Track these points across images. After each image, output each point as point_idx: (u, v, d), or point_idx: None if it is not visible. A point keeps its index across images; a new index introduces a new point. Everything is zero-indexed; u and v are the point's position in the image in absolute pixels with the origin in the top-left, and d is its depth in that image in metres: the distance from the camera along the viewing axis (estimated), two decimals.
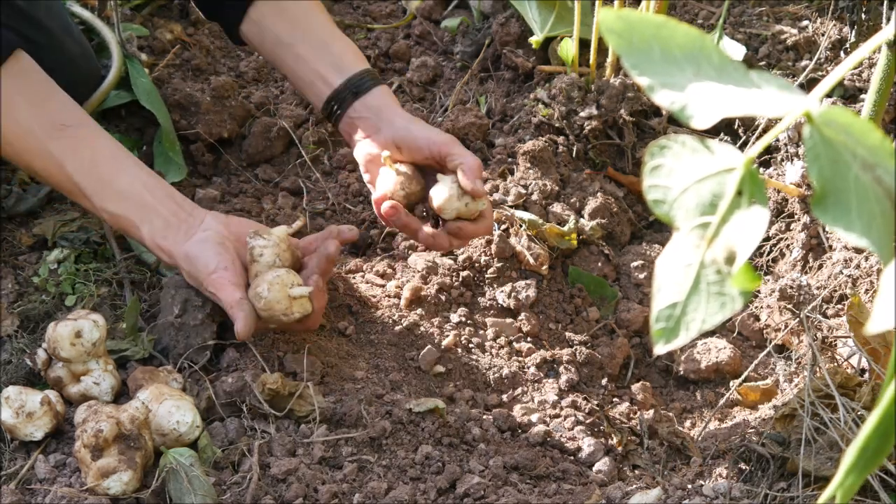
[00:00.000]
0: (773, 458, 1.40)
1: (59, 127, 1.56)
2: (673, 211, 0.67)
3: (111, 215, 1.58)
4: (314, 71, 1.73)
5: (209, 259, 1.53)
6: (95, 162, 1.58)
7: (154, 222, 1.57)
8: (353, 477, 1.40)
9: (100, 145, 1.60)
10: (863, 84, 2.02)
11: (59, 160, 1.56)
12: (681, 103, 0.67)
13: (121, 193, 1.58)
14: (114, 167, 1.59)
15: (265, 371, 1.51)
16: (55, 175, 1.58)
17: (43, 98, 1.58)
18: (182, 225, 1.58)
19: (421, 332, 1.70)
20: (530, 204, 1.88)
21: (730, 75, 0.69)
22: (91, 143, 1.59)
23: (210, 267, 1.53)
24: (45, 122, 1.56)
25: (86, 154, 1.58)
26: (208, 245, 1.55)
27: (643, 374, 1.82)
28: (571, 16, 2.07)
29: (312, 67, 1.73)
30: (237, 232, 1.60)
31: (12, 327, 1.58)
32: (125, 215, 1.58)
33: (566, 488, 1.44)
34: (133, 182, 1.59)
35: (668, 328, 0.66)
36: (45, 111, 1.57)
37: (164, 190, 1.61)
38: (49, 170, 1.57)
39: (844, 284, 1.75)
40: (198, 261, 1.54)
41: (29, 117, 1.55)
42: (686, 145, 0.68)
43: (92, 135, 1.60)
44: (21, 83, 1.56)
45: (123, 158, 1.61)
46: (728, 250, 0.66)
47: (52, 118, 1.57)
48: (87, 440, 1.31)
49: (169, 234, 1.57)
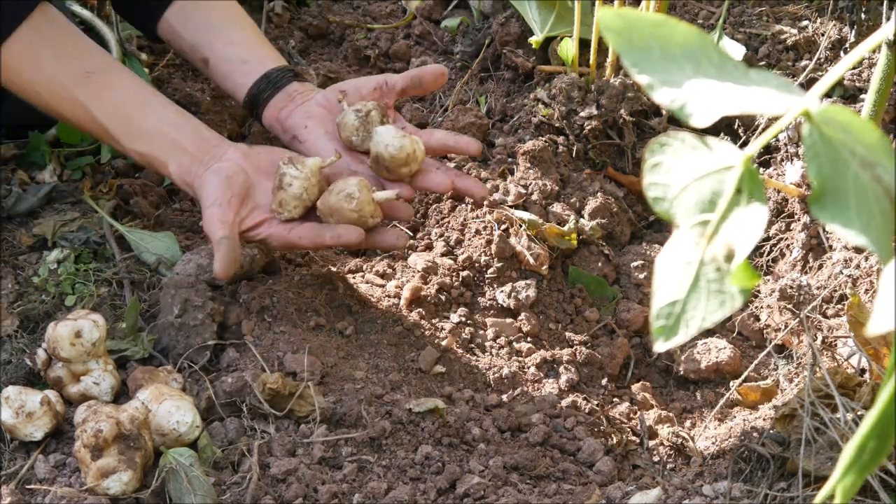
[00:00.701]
0: (773, 458, 1.40)
1: (84, 74, 1.61)
2: (672, 208, 0.67)
3: (140, 155, 1.63)
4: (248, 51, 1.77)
5: (209, 192, 1.56)
6: (122, 104, 1.62)
7: (181, 159, 1.61)
8: (352, 477, 1.39)
9: (126, 88, 1.64)
10: (863, 84, 2.02)
11: (86, 106, 1.61)
12: (680, 101, 0.67)
13: (148, 133, 1.62)
14: (140, 108, 1.63)
15: (265, 371, 1.51)
16: (84, 120, 1.63)
17: (68, 47, 1.62)
18: (205, 157, 1.61)
19: (421, 332, 1.70)
20: (530, 204, 1.88)
21: (729, 73, 0.69)
22: (117, 87, 1.63)
23: (209, 200, 1.56)
24: (71, 70, 1.61)
25: (112, 98, 1.62)
26: (215, 178, 1.58)
27: (643, 374, 1.82)
28: (571, 16, 2.07)
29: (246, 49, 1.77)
30: (258, 163, 1.63)
31: (12, 327, 1.58)
32: (153, 154, 1.62)
33: (566, 488, 1.44)
34: (160, 121, 1.63)
35: (667, 326, 0.66)
36: (71, 59, 1.62)
37: (190, 126, 1.65)
38: (78, 116, 1.62)
39: (844, 284, 1.75)
40: (202, 192, 1.58)
41: (55, 67, 1.60)
42: (686, 143, 0.68)
43: (118, 78, 1.64)
44: (46, 35, 1.60)
45: (150, 98, 1.65)
46: (727, 248, 0.66)
47: (78, 66, 1.61)
48: (87, 440, 1.31)
49: (193, 168, 1.60)
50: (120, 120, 1.62)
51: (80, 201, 1.84)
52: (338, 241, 1.58)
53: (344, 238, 1.57)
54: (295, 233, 1.60)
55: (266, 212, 1.61)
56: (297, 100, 1.73)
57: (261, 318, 1.62)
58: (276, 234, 1.60)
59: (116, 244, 1.75)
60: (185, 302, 1.57)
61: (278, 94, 1.74)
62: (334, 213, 1.58)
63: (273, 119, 1.74)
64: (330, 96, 1.72)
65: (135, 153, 1.64)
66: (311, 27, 2.42)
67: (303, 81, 1.77)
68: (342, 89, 1.72)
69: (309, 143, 1.70)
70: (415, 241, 1.89)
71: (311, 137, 1.70)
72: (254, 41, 1.80)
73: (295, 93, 1.74)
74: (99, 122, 1.61)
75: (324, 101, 1.72)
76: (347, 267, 1.83)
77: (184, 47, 1.83)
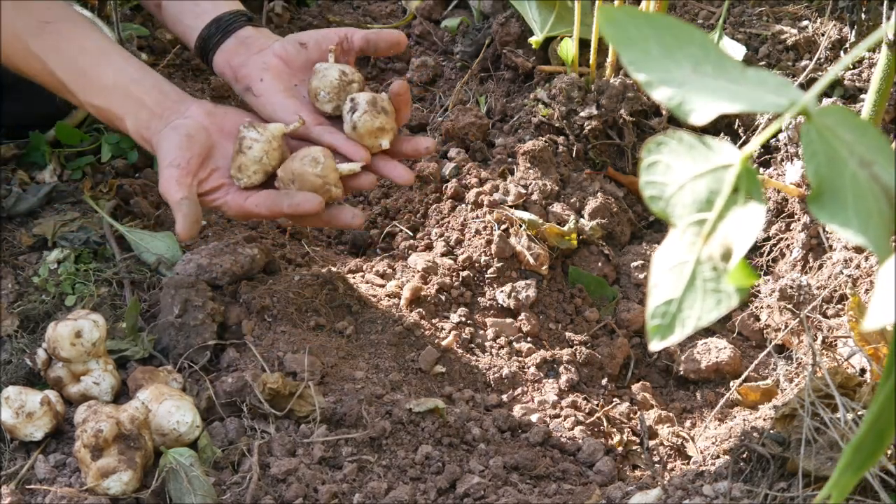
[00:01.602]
0: (773, 458, 1.40)
1: (40, 24, 1.55)
2: (669, 207, 0.67)
3: (96, 109, 1.57)
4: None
5: (168, 151, 1.50)
6: (79, 57, 1.56)
7: (139, 114, 1.55)
8: (353, 477, 1.39)
9: (84, 39, 1.57)
10: (863, 84, 2.02)
11: (41, 58, 1.55)
12: (678, 99, 0.67)
13: (106, 87, 1.55)
14: (98, 61, 1.56)
15: (265, 371, 1.51)
16: (41, 73, 1.56)
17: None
18: (165, 112, 1.55)
19: (421, 332, 1.70)
20: (530, 204, 1.88)
21: (728, 72, 0.69)
22: (75, 38, 1.57)
23: (167, 160, 1.50)
24: (27, 21, 1.55)
25: (69, 50, 1.56)
26: (174, 136, 1.52)
27: (643, 374, 1.82)
28: (571, 16, 2.07)
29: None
30: (223, 123, 1.57)
31: (12, 327, 1.58)
32: (110, 108, 1.55)
33: (566, 488, 1.44)
34: (118, 75, 1.56)
35: (663, 325, 0.66)
36: (28, 10, 1.55)
37: (151, 80, 1.58)
38: (34, 68, 1.56)
39: (844, 284, 1.75)
40: (160, 150, 1.51)
41: (13, 19, 1.54)
42: (683, 142, 0.68)
43: (75, 29, 1.58)
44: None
45: (109, 51, 1.58)
46: (724, 247, 0.66)
47: (36, 16, 1.55)
48: (87, 440, 1.31)
49: (152, 123, 1.54)
50: (77, 73, 1.55)
51: (80, 201, 1.84)
52: (296, 209, 1.50)
53: (302, 206, 1.50)
54: (251, 200, 1.53)
55: (225, 176, 1.56)
56: (252, 47, 1.63)
57: (261, 318, 1.62)
58: (233, 202, 1.54)
59: (116, 244, 1.75)
60: (185, 302, 1.57)
61: (229, 39, 1.65)
62: (297, 178, 1.51)
63: (224, 65, 1.65)
64: (289, 48, 1.62)
65: (91, 107, 1.57)
66: (311, 27, 2.42)
67: (258, 27, 1.68)
68: (303, 41, 1.63)
69: (263, 98, 1.61)
70: (415, 241, 1.89)
71: (266, 92, 1.61)
72: None
73: (248, 39, 1.65)
74: (55, 75, 1.55)
75: (282, 52, 1.62)
76: (347, 267, 1.83)
77: None
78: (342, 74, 1.59)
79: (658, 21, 0.70)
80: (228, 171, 1.55)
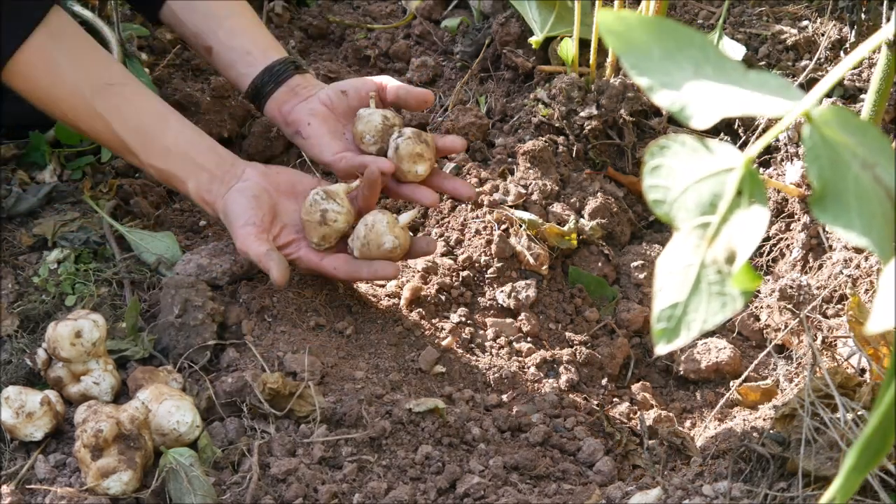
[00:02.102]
0: (773, 458, 1.40)
1: (104, 85, 1.61)
2: (673, 211, 0.67)
3: (158, 171, 1.65)
4: (251, 41, 1.78)
5: (241, 212, 1.59)
6: (141, 119, 1.63)
7: (200, 177, 1.63)
8: (352, 477, 1.39)
9: (144, 102, 1.65)
10: (863, 84, 2.02)
11: (105, 119, 1.61)
12: (680, 103, 0.67)
13: (167, 149, 1.63)
14: (159, 124, 1.64)
15: (265, 371, 1.51)
16: (102, 133, 1.63)
17: (86, 56, 1.62)
18: (225, 176, 1.63)
19: (421, 332, 1.70)
20: (530, 204, 1.88)
21: (729, 75, 0.69)
22: (136, 101, 1.64)
23: (240, 221, 1.58)
24: (90, 81, 1.60)
25: (131, 111, 1.63)
26: (241, 198, 1.60)
27: (643, 374, 1.82)
28: (571, 16, 2.07)
29: (249, 39, 1.78)
30: (277, 182, 1.66)
31: (12, 327, 1.58)
32: (171, 171, 1.64)
33: (566, 488, 1.44)
34: (178, 138, 1.64)
35: (669, 328, 0.66)
36: (90, 70, 1.61)
37: (206, 143, 1.66)
38: (96, 128, 1.62)
39: (844, 284, 1.75)
40: (231, 213, 1.60)
41: (74, 77, 1.60)
42: (686, 145, 0.68)
43: (136, 92, 1.65)
44: (63, 42, 1.60)
45: (168, 115, 1.66)
46: (728, 250, 0.66)
47: (98, 77, 1.61)
48: (87, 440, 1.31)
49: (213, 186, 1.63)
50: (139, 135, 1.63)
51: (80, 201, 1.84)
52: (375, 276, 1.62)
53: (381, 273, 1.61)
54: (328, 263, 1.63)
55: (293, 232, 1.65)
56: (301, 94, 1.75)
57: (261, 318, 1.62)
58: (306, 258, 1.63)
59: (116, 244, 1.75)
60: (185, 302, 1.57)
61: (281, 88, 1.76)
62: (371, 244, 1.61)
63: (275, 112, 1.76)
64: (332, 95, 1.74)
65: (153, 168, 1.65)
66: (311, 27, 2.42)
67: (304, 73, 1.79)
68: (343, 89, 1.74)
69: (312, 141, 1.73)
70: None
71: (313, 135, 1.72)
72: (256, 31, 1.81)
73: (297, 87, 1.76)
74: (118, 135, 1.62)
75: (326, 100, 1.74)
76: None
77: (186, 34, 1.84)
78: (384, 119, 1.70)
79: (658, 24, 0.70)
80: (295, 228, 1.65)
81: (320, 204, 1.60)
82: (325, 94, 1.75)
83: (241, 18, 1.81)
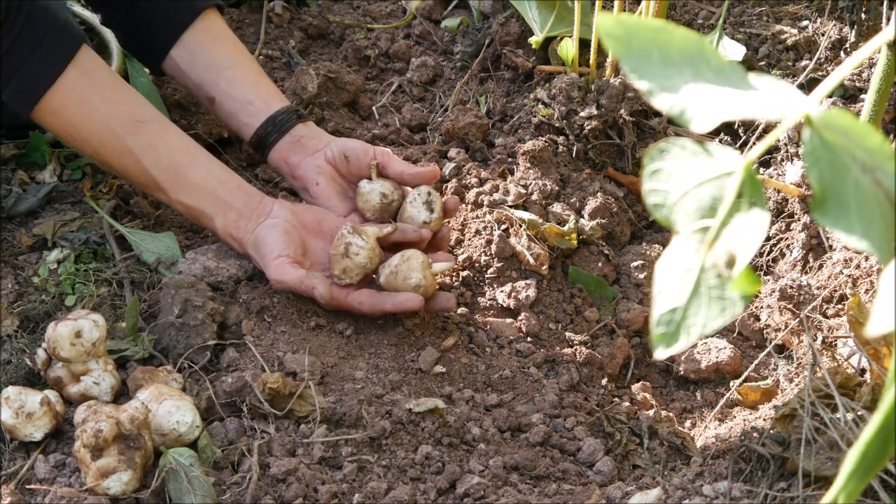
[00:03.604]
0: (773, 458, 1.40)
1: (135, 123, 1.64)
2: (673, 215, 0.67)
3: (186, 207, 1.68)
4: (252, 91, 1.81)
5: (274, 245, 1.62)
6: (171, 157, 1.66)
7: (228, 214, 1.67)
8: (352, 477, 1.40)
9: (174, 140, 1.68)
10: (863, 84, 2.02)
11: (136, 156, 1.64)
12: (680, 107, 0.67)
13: (196, 186, 1.66)
14: (188, 161, 1.67)
15: (265, 371, 1.51)
16: (132, 169, 1.66)
17: (116, 94, 1.65)
18: (252, 214, 1.67)
19: (421, 332, 1.70)
20: (530, 204, 1.88)
21: (728, 78, 0.69)
22: (166, 138, 1.67)
23: (274, 252, 1.61)
24: (121, 118, 1.63)
25: (162, 149, 1.66)
26: (275, 231, 1.63)
27: (643, 374, 1.82)
28: (571, 16, 2.07)
29: (250, 88, 1.81)
30: (304, 220, 1.69)
31: (12, 327, 1.58)
32: (200, 208, 1.67)
33: (566, 488, 1.44)
34: (206, 175, 1.67)
35: (668, 333, 0.66)
36: (120, 107, 1.64)
37: (234, 181, 1.70)
38: (126, 165, 1.65)
39: (844, 284, 1.75)
40: (264, 246, 1.62)
41: (106, 114, 1.62)
42: (686, 149, 0.68)
43: (166, 130, 1.68)
44: (94, 79, 1.63)
45: (196, 152, 1.69)
46: (728, 254, 0.65)
47: (128, 114, 1.64)
48: (87, 440, 1.31)
49: (241, 223, 1.66)
50: (169, 172, 1.65)
51: (80, 201, 1.84)
52: (400, 307, 1.64)
53: (405, 305, 1.63)
54: (353, 298, 1.65)
55: (320, 269, 1.67)
56: (307, 147, 1.78)
57: (261, 318, 1.62)
58: (334, 294, 1.64)
59: (116, 244, 1.75)
60: (185, 302, 1.57)
61: (284, 138, 1.79)
62: (399, 278, 1.64)
63: (281, 162, 1.80)
64: (337, 157, 1.77)
65: (180, 205, 1.68)
66: (311, 27, 2.42)
67: (306, 122, 1.82)
68: (346, 154, 1.76)
69: (321, 200, 1.77)
70: None
71: (322, 195, 1.77)
72: (257, 80, 1.83)
73: (303, 138, 1.79)
74: (149, 172, 1.65)
75: (332, 159, 1.77)
76: None
77: (189, 85, 1.86)
78: (383, 197, 1.74)
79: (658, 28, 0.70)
80: (322, 265, 1.68)
81: (346, 237, 1.64)
82: (331, 154, 1.77)
83: (242, 69, 1.83)
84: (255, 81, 1.83)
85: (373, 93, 2.28)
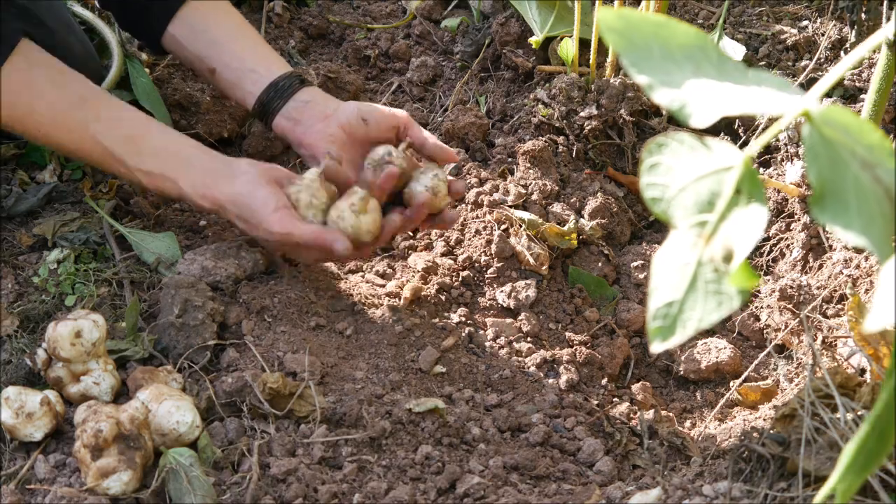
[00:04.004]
0: (773, 458, 1.40)
1: (82, 98, 1.61)
2: (671, 209, 0.67)
3: (148, 174, 1.62)
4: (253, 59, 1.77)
5: (267, 198, 1.57)
6: (126, 126, 1.62)
7: (193, 173, 1.61)
8: (352, 477, 1.39)
9: (126, 111, 1.65)
10: (863, 84, 2.02)
11: (90, 130, 1.60)
12: (680, 102, 0.67)
13: (155, 151, 1.62)
14: (143, 129, 1.64)
15: (265, 371, 1.51)
16: (88, 145, 1.61)
17: (63, 77, 1.62)
18: (223, 169, 1.61)
19: (421, 332, 1.70)
20: (530, 204, 1.88)
21: (729, 74, 0.69)
22: (119, 109, 1.64)
23: (269, 206, 1.56)
24: (69, 96, 1.60)
25: (116, 120, 1.62)
26: (260, 184, 1.58)
27: (643, 374, 1.82)
28: (571, 16, 2.07)
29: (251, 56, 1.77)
30: (275, 175, 1.63)
31: (12, 327, 1.58)
32: (162, 172, 1.62)
33: (566, 488, 1.44)
34: (164, 139, 1.64)
35: (664, 326, 0.66)
36: (68, 87, 1.61)
37: (193, 142, 1.65)
38: (81, 140, 1.61)
39: (844, 284, 1.75)
40: (254, 200, 1.57)
41: (54, 97, 1.59)
42: (684, 143, 0.68)
43: (117, 103, 1.65)
44: (40, 66, 1.60)
45: (150, 121, 1.66)
46: (726, 249, 0.65)
47: (75, 93, 1.61)
48: (87, 440, 1.31)
49: (209, 180, 1.60)
50: (127, 141, 1.61)
51: (80, 201, 1.84)
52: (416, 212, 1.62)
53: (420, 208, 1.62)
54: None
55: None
56: (315, 113, 1.72)
57: (261, 318, 1.62)
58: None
59: (116, 244, 1.75)
60: (185, 302, 1.57)
61: (288, 104, 1.73)
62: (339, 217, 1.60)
63: (286, 129, 1.74)
64: (353, 120, 1.70)
65: (141, 173, 1.62)
66: (311, 27, 2.42)
67: (309, 85, 1.76)
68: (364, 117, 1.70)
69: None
70: (415, 240, 1.89)
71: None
72: (258, 49, 1.80)
73: (309, 104, 1.73)
74: (104, 144, 1.60)
75: (346, 125, 1.71)
76: (347, 267, 1.83)
77: (189, 58, 1.83)
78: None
79: (659, 23, 0.70)
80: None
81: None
82: (346, 118, 1.70)
83: (243, 38, 1.80)
84: (257, 51, 1.79)
85: (373, 93, 2.28)
